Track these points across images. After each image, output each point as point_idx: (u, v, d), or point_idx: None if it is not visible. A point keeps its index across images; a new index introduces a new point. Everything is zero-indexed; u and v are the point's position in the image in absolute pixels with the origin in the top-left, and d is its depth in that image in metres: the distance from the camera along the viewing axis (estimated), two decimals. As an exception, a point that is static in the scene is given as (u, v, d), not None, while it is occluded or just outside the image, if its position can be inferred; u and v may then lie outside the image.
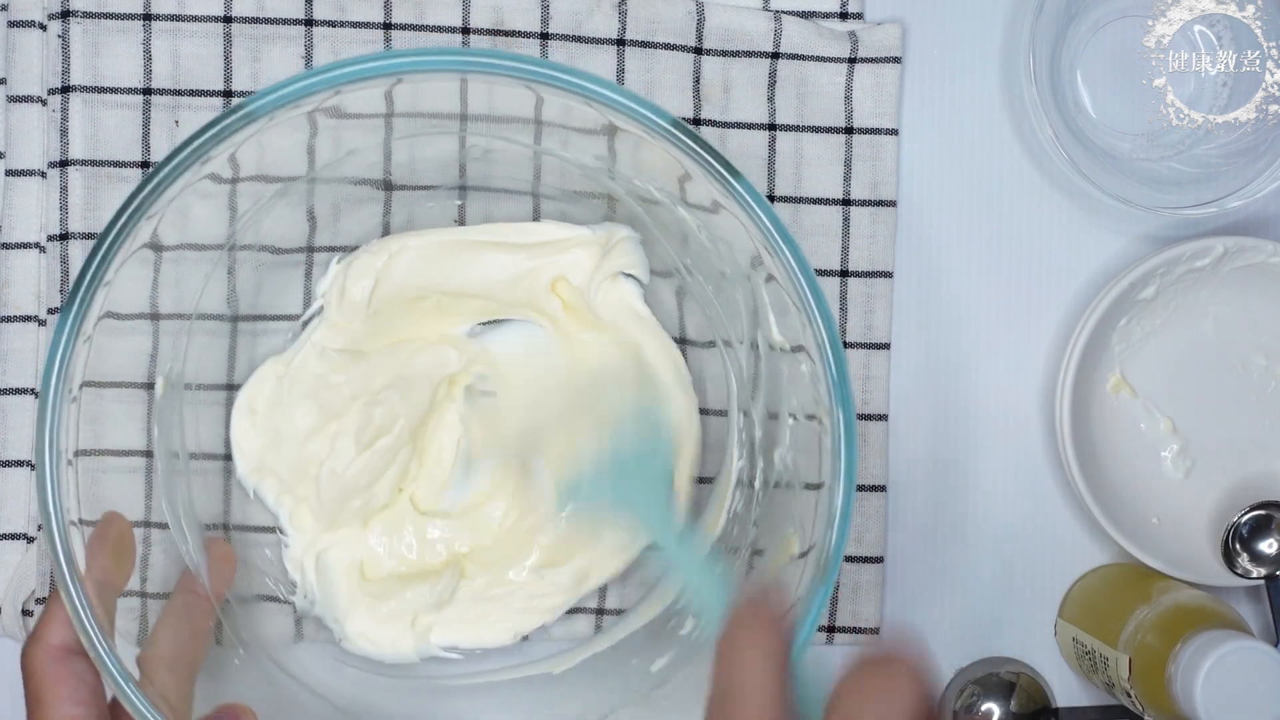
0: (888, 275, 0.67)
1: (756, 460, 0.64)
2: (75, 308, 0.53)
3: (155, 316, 0.60)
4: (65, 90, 0.65)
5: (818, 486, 0.56)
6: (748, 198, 0.54)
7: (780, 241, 0.53)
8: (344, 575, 0.65)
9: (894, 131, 0.67)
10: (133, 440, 0.60)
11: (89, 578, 0.53)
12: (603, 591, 0.67)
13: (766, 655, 0.44)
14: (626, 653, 0.65)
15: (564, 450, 0.62)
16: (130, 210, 0.53)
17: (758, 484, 0.64)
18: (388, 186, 0.65)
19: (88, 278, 0.53)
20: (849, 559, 0.67)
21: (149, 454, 0.61)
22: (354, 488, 0.65)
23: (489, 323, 0.66)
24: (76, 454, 0.54)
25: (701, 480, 0.66)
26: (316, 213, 0.65)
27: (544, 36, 0.66)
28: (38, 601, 0.65)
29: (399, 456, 0.65)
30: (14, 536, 0.65)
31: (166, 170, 0.53)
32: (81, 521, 0.54)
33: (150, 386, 0.60)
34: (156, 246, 0.57)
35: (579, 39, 0.66)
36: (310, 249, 0.65)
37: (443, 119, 0.62)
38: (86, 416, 0.55)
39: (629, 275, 0.66)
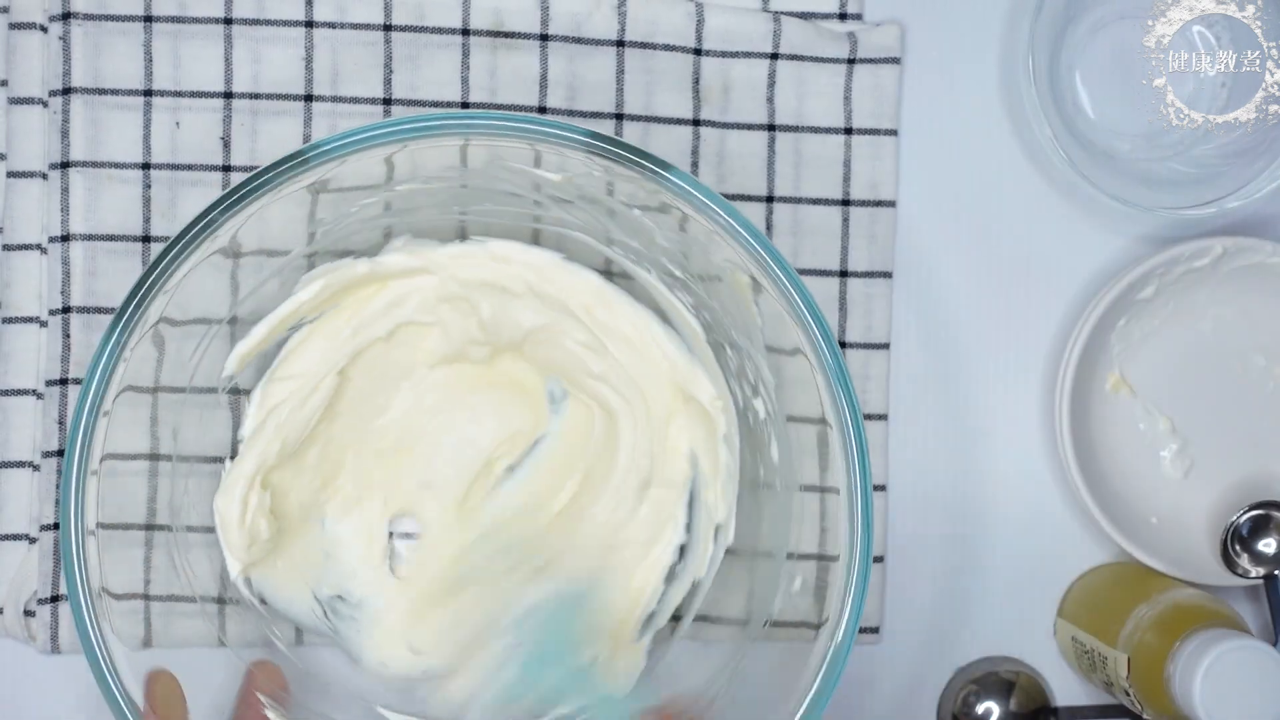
0: (887, 275, 0.67)
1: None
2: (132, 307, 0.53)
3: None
4: (66, 92, 0.65)
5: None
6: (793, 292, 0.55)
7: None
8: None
9: (893, 132, 0.67)
10: (137, 444, 0.61)
11: None
12: None
13: None
14: None
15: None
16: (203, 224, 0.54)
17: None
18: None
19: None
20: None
21: (153, 457, 0.61)
22: None
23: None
24: (103, 457, 0.55)
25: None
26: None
27: (544, 38, 0.66)
28: (39, 601, 0.65)
29: None
30: (15, 537, 0.66)
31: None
32: (100, 526, 0.54)
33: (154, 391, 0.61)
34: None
35: (579, 40, 0.66)
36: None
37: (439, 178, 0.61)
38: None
39: None
